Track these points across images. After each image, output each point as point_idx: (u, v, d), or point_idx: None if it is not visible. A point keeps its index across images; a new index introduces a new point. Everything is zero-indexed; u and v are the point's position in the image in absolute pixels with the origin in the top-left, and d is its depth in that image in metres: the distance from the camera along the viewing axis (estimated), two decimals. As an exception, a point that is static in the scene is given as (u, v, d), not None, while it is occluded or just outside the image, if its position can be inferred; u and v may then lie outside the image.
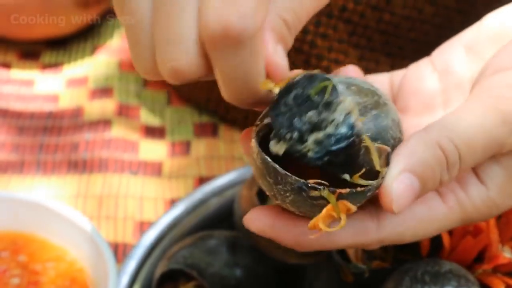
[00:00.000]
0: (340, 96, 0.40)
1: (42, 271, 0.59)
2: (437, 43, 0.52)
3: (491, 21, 0.49)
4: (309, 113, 0.39)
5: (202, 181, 0.73)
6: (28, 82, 0.86)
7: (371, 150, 0.41)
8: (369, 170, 0.41)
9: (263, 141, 0.41)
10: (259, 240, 0.56)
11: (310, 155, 0.39)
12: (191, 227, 0.62)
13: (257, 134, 0.41)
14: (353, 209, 0.40)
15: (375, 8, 0.71)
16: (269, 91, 0.41)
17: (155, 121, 0.81)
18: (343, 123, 0.39)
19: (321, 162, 0.39)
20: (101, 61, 0.88)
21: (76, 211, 0.61)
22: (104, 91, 0.83)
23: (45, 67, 0.88)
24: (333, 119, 0.39)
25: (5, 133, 0.78)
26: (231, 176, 0.66)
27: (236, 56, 0.39)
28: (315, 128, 0.39)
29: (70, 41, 0.90)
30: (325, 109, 0.39)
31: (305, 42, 0.72)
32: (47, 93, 0.84)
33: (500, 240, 0.52)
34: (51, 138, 0.78)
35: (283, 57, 0.41)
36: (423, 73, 0.51)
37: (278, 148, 0.40)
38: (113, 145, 0.76)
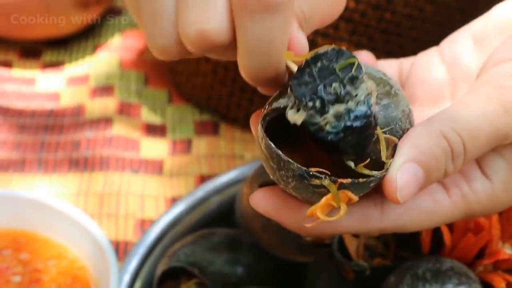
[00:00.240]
0: (363, 75, 0.39)
1: (43, 269, 0.59)
2: (438, 42, 0.52)
3: (499, 12, 0.49)
4: (334, 84, 0.39)
5: (203, 179, 0.73)
6: (29, 80, 0.86)
7: (380, 140, 0.41)
8: (375, 160, 0.41)
9: (269, 126, 0.41)
10: (261, 238, 0.56)
11: (327, 128, 0.39)
12: (192, 225, 0.62)
13: (264, 118, 0.41)
14: (355, 199, 0.40)
15: (376, 7, 0.71)
16: (286, 72, 0.41)
17: (156, 119, 0.81)
18: (363, 102, 0.39)
19: (336, 138, 0.39)
20: (102, 60, 0.88)
21: (77, 209, 0.61)
22: (105, 90, 0.83)
23: (46, 65, 0.88)
24: (356, 95, 0.39)
25: (6, 132, 0.78)
26: (232, 174, 0.66)
27: (265, 21, 0.39)
28: (338, 100, 0.39)
29: (71, 40, 0.90)
30: (350, 84, 0.39)
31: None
32: (48, 91, 0.84)
33: (501, 237, 0.52)
34: (52, 136, 0.78)
35: (304, 38, 0.41)
36: (431, 63, 0.51)
37: (297, 117, 0.39)
38: (114, 143, 0.76)
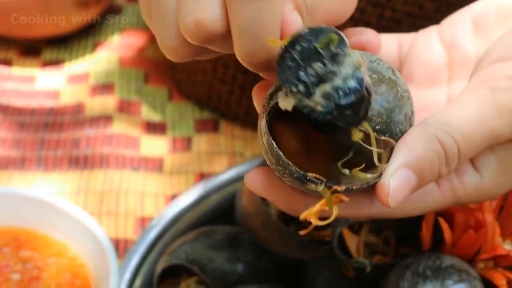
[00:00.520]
0: (347, 48, 0.39)
1: (43, 266, 0.59)
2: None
3: None
4: (314, 65, 0.38)
5: (203, 177, 0.73)
6: (29, 78, 0.86)
7: (373, 146, 0.41)
8: (371, 157, 0.41)
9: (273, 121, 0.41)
10: (261, 235, 0.56)
11: (319, 109, 0.38)
12: (192, 223, 0.62)
13: (268, 112, 0.41)
14: (346, 200, 0.41)
15: (376, 4, 0.71)
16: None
17: (156, 117, 0.81)
18: (351, 77, 0.38)
19: (330, 116, 0.38)
20: (102, 58, 0.88)
21: (77, 207, 0.61)
22: (105, 87, 0.83)
23: (46, 64, 0.88)
24: (341, 71, 0.38)
25: (6, 130, 0.78)
26: (232, 172, 0.66)
27: (254, 3, 0.39)
28: (321, 80, 0.38)
29: (71, 38, 0.90)
30: (332, 62, 0.38)
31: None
32: (48, 89, 0.84)
33: (501, 233, 0.52)
34: (52, 134, 0.78)
35: (298, 19, 0.41)
36: (431, 44, 0.51)
37: (286, 103, 0.39)
38: (114, 141, 0.76)
